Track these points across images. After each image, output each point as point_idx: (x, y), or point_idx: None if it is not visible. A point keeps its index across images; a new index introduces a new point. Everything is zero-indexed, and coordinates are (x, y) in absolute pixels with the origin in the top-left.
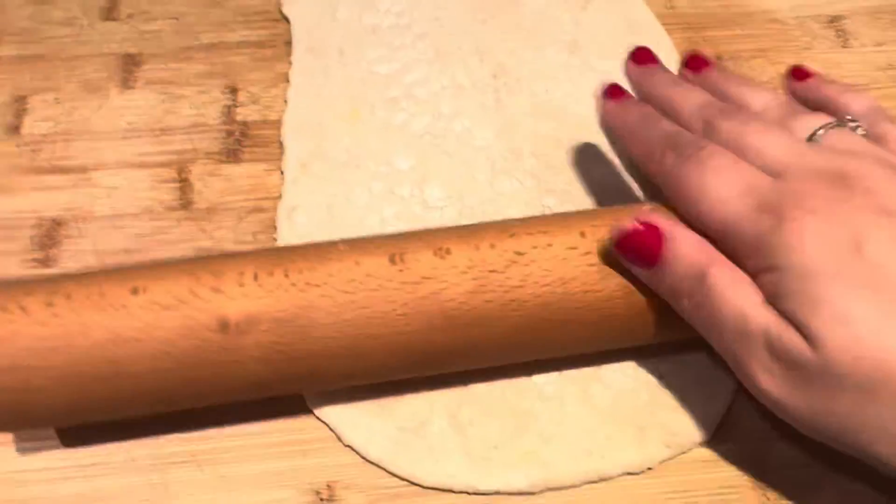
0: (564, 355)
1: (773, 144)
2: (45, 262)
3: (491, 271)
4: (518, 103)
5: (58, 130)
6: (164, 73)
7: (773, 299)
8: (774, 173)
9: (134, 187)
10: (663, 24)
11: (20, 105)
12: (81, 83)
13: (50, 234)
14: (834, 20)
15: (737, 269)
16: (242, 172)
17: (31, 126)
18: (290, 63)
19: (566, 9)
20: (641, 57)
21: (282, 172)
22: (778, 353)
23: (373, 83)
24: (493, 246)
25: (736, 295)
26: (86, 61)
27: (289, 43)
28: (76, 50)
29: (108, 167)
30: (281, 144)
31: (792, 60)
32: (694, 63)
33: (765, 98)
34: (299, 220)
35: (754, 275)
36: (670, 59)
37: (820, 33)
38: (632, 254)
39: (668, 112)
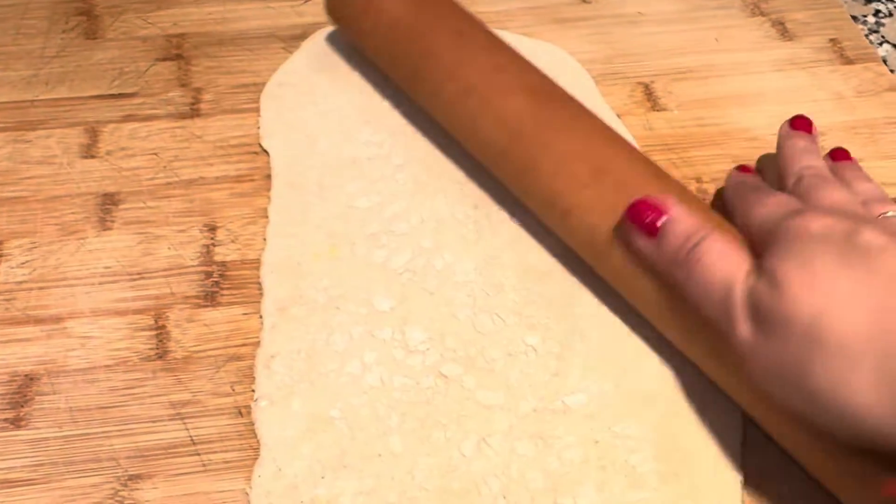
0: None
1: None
2: (15, 422)
3: None
4: (499, 234)
5: (33, 277)
6: (142, 212)
7: (760, 262)
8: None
9: (109, 337)
10: (643, 147)
11: None
12: (59, 226)
13: (22, 391)
14: None
15: (729, 241)
16: (220, 317)
17: (6, 274)
18: (269, 198)
19: None
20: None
21: (260, 317)
22: (754, 306)
23: (352, 218)
24: None
25: (724, 261)
26: (64, 202)
27: (268, 176)
28: (54, 190)
29: (84, 315)
30: (260, 286)
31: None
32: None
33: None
34: (278, 370)
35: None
36: None
37: None
38: (636, 222)
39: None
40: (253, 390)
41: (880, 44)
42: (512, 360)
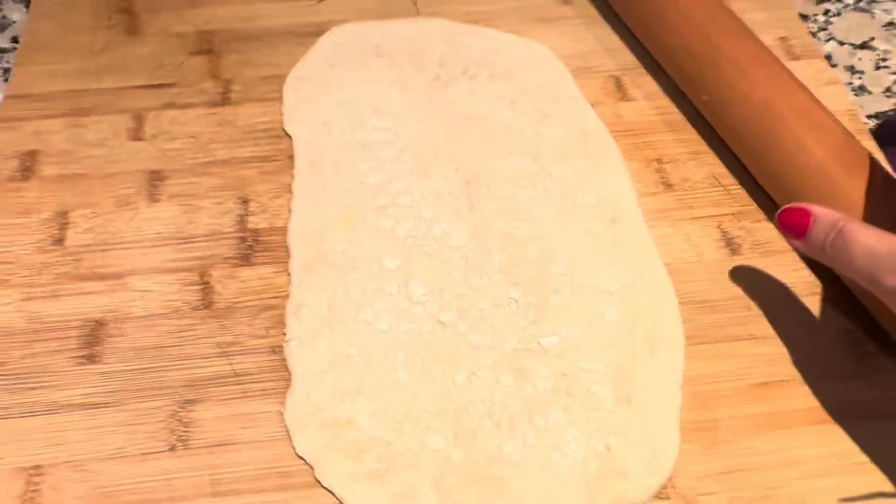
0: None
1: None
2: (90, 358)
3: None
4: (487, 207)
5: (96, 241)
6: (185, 187)
7: None
8: None
9: (162, 290)
10: (612, 132)
11: (63, 219)
12: (115, 198)
13: (94, 333)
14: None
15: (862, 225)
16: (255, 275)
17: (74, 238)
18: (292, 175)
19: (528, 122)
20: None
21: (288, 274)
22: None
23: (363, 193)
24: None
25: (866, 232)
26: (117, 178)
27: (291, 157)
28: (109, 168)
29: (141, 273)
30: (287, 249)
31: (719, 160)
32: None
33: None
34: (305, 317)
35: None
36: (619, 164)
37: None
38: (787, 227)
39: None
40: (284, 334)
41: (828, 40)
42: (497, 310)
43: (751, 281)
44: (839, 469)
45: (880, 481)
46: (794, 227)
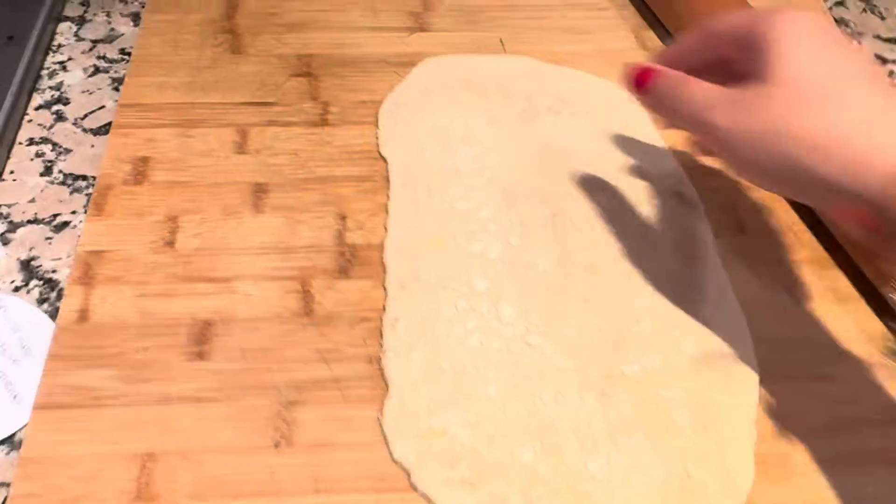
0: None
1: None
2: (200, 355)
3: None
4: (572, 238)
5: (205, 245)
6: (287, 201)
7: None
8: None
9: (266, 296)
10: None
11: (173, 223)
12: (221, 206)
13: (203, 332)
14: None
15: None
16: (352, 287)
17: (183, 242)
18: (388, 196)
19: (608, 160)
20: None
21: (385, 289)
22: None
23: (455, 217)
24: None
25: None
26: (224, 188)
27: (386, 178)
28: (215, 178)
29: (246, 278)
30: (383, 265)
31: (791, 209)
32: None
33: None
34: (401, 330)
35: None
36: (697, 205)
37: None
38: (632, 83)
39: None
40: (380, 344)
41: None
42: (582, 335)
43: (821, 324)
44: None
45: None
46: (640, 80)
